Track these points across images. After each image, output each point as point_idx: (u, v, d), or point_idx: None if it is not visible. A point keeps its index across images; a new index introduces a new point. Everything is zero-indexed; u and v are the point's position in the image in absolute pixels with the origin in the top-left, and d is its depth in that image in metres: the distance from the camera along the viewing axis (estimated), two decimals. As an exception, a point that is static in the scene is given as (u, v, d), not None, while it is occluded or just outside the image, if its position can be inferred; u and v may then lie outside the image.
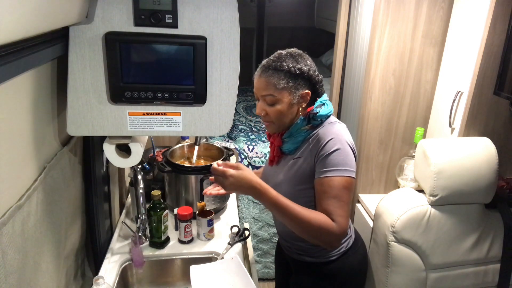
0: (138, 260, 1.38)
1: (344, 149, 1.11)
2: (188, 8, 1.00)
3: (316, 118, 1.17)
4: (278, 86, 1.13)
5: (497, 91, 1.54)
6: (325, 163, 1.10)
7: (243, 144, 2.59)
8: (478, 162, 1.41)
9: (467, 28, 1.62)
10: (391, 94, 1.86)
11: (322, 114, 1.17)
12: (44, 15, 0.72)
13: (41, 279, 0.93)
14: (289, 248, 1.36)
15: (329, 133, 1.13)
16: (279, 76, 1.13)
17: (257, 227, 2.54)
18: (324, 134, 1.13)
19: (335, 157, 1.10)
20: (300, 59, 1.15)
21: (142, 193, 1.34)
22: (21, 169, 0.85)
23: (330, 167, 1.10)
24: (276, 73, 1.13)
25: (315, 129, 1.18)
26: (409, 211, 1.43)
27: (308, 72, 1.14)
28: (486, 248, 1.51)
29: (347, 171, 1.10)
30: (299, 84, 1.14)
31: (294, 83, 1.14)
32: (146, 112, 1.08)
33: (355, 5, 2.07)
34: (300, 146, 1.20)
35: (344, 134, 1.14)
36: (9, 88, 0.77)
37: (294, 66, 1.13)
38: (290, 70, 1.13)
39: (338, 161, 1.10)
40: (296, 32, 4.26)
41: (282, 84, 1.13)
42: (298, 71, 1.13)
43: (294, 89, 1.14)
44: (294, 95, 1.15)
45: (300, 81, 1.14)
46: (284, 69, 1.13)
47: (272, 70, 1.14)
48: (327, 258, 1.28)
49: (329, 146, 1.11)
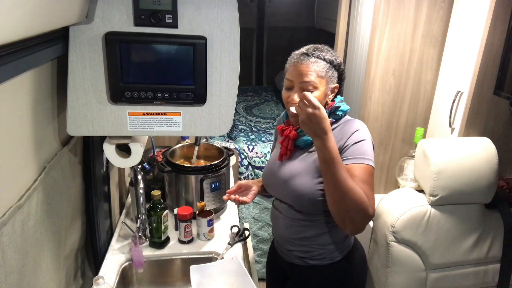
0: (138, 260, 1.38)
1: (369, 141, 1.17)
2: (188, 8, 1.00)
3: (337, 113, 1.21)
4: (319, 73, 1.15)
5: (497, 91, 1.54)
6: (355, 151, 1.14)
7: (243, 144, 2.59)
8: (478, 162, 1.41)
9: (467, 28, 1.62)
10: (391, 94, 1.86)
11: (343, 110, 1.22)
12: (44, 15, 0.72)
13: (41, 279, 0.93)
14: (288, 252, 1.31)
15: (355, 125, 1.18)
16: (319, 64, 1.15)
17: (257, 227, 2.54)
18: (350, 126, 1.18)
19: (364, 146, 1.14)
20: (335, 53, 1.21)
21: (142, 193, 1.34)
22: (21, 169, 0.85)
23: (360, 155, 1.13)
24: (317, 61, 1.15)
25: (333, 124, 1.21)
26: (409, 211, 1.43)
27: (340, 66, 1.20)
28: (486, 248, 1.51)
29: (372, 161, 1.15)
30: (333, 76, 1.19)
31: (331, 74, 1.18)
32: (146, 112, 1.08)
33: (355, 5, 2.07)
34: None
35: (364, 127, 1.19)
36: (9, 88, 0.77)
37: (332, 58, 1.18)
38: (331, 61, 1.17)
39: (365, 150, 1.14)
40: (296, 32, 4.26)
41: (323, 72, 1.15)
42: (336, 63, 1.18)
43: (330, 80, 1.18)
44: (328, 85, 1.18)
45: (335, 73, 1.19)
46: (326, 58, 1.16)
47: (315, 57, 1.16)
48: (332, 259, 1.26)
49: (358, 135, 1.15)
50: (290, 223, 1.26)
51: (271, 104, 3.60)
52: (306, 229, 1.24)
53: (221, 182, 1.64)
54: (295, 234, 1.27)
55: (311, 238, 1.24)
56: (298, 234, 1.26)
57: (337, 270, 1.28)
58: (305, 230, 1.24)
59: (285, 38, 4.27)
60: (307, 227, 1.24)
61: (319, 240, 1.24)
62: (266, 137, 2.78)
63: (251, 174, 2.53)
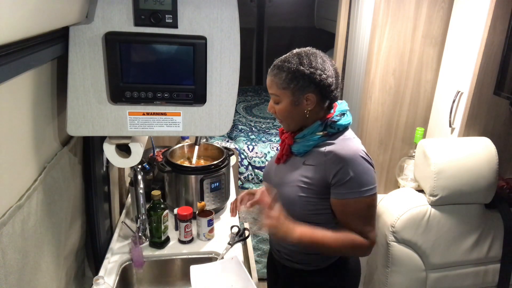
0: (138, 260, 1.38)
1: (364, 169, 1.10)
2: (188, 8, 1.00)
3: (334, 127, 1.15)
4: (279, 86, 1.13)
5: (497, 91, 1.54)
6: (347, 186, 1.09)
7: (243, 144, 2.59)
8: (478, 162, 1.41)
9: (467, 28, 1.62)
10: (391, 94, 1.86)
11: (340, 124, 1.15)
12: (44, 15, 0.72)
13: (41, 279, 0.93)
14: (277, 252, 1.32)
15: (347, 153, 1.10)
16: (281, 76, 1.12)
17: (257, 227, 2.54)
18: (342, 154, 1.10)
19: (358, 179, 1.09)
20: (307, 60, 1.11)
21: (142, 193, 1.34)
22: (21, 169, 0.85)
23: (353, 189, 1.09)
24: (279, 72, 1.13)
25: (330, 137, 1.15)
26: (409, 211, 1.43)
27: (310, 74, 1.10)
28: (486, 248, 1.51)
29: (369, 190, 1.10)
30: (302, 86, 1.11)
31: (295, 84, 1.11)
32: (146, 112, 1.08)
33: (355, 5, 2.07)
34: (311, 151, 1.17)
35: (360, 151, 1.12)
36: (9, 88, 0.77)
37: (296, 67, 1.10)
38: (290, 70, 1.11)
39: (361, 182, 1.09)
40: (296, 32, 4.25)
41: (284, 84, 1.12)
42: (297, 73, 1.10)
43: (297, 90, 1.11)
44: (296, 96, 1.12)
45: (302, 82, 1.11)
46: (285, 69, 1.12)
47: (276, 69, 1.14)
48: (316, 266, 1.25)
49: (349, 169, 1.09)
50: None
51: (271, 104, 3.60)
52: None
53: (221, 182, 1.64)
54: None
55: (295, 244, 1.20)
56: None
57: (324, 277, 1.26)
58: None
59: (285, 38, 4.27)
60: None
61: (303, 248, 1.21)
62: (266, 137, 2.78)
63: (251, 174, 2.53)
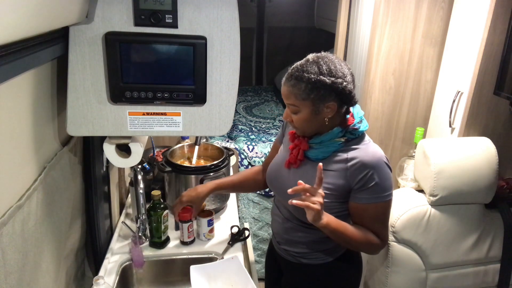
0: (138, 260, 1.38)
1: (387, 174, 1.13)
2: (188, 8, 1.00)
3: (354, 133, 1.15)
4: (298, 97, 1.09)
5: (497, 91, 1.54)
6: (370, 191, 1.12)
7: (243, 144, 2.59)
8: (478, 162, 1.41)
9: (467, 28, 1.62)
10: (391, 94, 1.86)
11: (361, 130, 1.16)
12: (44, 15, 0.72)
13: (41, 279, 0.93)
14: (283, 249, 1.33)
15: (373, 160, 1.11)
16: (300, 87, 1.08)
17: (257, 227, 2.54)
18: (368, 161, 1.11)
19: (381, 185, 1.12)
20: (327, 69, 1.07)
21: (142, 193, 1.34)
22: (21, 169, 0.85)
23: (376, 194, 1.13)
24: (298, 83, 1.08)
25: (349, 142, 1.15)
26: (409, 211, 1.43)
27: (332, 84, 1.06)
28: (486, 248, 1.51)
29: (389, 195, 1.14)
30: (322, 95, 1.07)
31: (316, 94, 1.07)
32: (146, 112, 1.08)
33: (355, 5, 2.07)
34: (330, 157, 1.16)
35: (383, 157, 1.14)
36: (9, 88, 0.77)
37: (317, 77, 1.06)
38: (310, 81, 1.06)
39: (384, 187, 1.12)
40: (296, 32, 4.25)
41: (304, 95, 1.08)
42: (319, 83, 1.06)
43: (317, 100, 1.08)
44: (317, 105, 1.09)
45: (323, 92, 1.07)
46: (304, 80, 1.07)
47: (294, 80, 1.09)
48: (324, 260, 1.27)
49: (375, 175, 1.11)
50: (288, 224, 1.28)
51: (271, 104, 3.60)
52: (302, 233, 1.25)
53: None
54: (291, 235, 1.28)
55: (305, 242, 1.26)
56: (294, 236, 1.28)
57: (329, 270, 1.29)
58: (300, 233, 1.26)
59: (285, 38, 4.27)
60: (302, 232, 1.25)
61: (312, 245, 1.26)
62: (266, 137, 2.78)
63: (251, 174, 2.53)
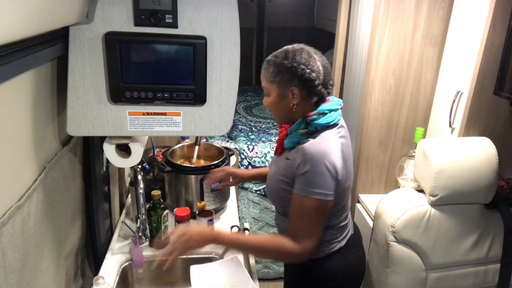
0: (138, 260, 1.38)
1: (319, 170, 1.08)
2: (188, 8, 1.00)
3: (312, 125, 1.16)
4: (267, 79, 1.19)
5: (497, 91, 1.54)
6: (300, 181, 1.11)
7: (243, 144, 2.59)
8: (478, 162, 1.41)
9: (467, 28, 1.62)
10: (391, 94, 1.86)
11: (318, 123, 1.15)
12: (44, 15, 0.72)
13: (41, 279, 0.93)
14: None
15: (312, 150, 1.10)
16: (269, 70, 1.18)
17: (257, 227, 2.54)
18: (306, 150, 1.11)
19: (310, 177, 1.09)
20: (292, 55, 1.14)
21: (142, 193, 1.34)
22: (21, 169, 0.85)
23: (304, 186, 1.10)
24: (268, 67, 1.19)
25: (311, 135, 1.16)
26: (409, 211, 1.43)
27: (291, 68, 1.13)
28: (486, 248, 1.51)
29: (319, 193, 1.09)
30: (286, 79, 1.14)
31: (280, 78, 1.15)
32: (146, 112, 1.08)
33: (355, 5, 2.07)
34: (296, 147, 1.18)
35: (327, 155, 1.09)
36: (9, 88, 0.77)
37: (280, 61, 1.15)
38: (275, 64, 1.16)
39: (311, 181, 1.09)
40: (296, 32, 4.25)
41: (270, 78, 1.18)
42: (281, 66, 1.14)
43: (282, 84, 1.16)
44: (282, 89, 1.16)
45: (286, 76, 1.14)
46: (271, 63, 1.18)
47: (266, 63, 1.20)
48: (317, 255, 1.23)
49: (305, 165, 1.09)
50: (277, 215, 1.34)
51: (271, 104, 3.60)
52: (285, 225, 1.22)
53: (221, 182, 1.64)
54: (279, 227, 1.35)
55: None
56: (281, 228, 1.33)
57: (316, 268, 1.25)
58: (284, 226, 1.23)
59: (285, 38, 4.23)
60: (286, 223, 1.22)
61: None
62: (266, 137, 2.78)
63: (251, 174, 2.53)
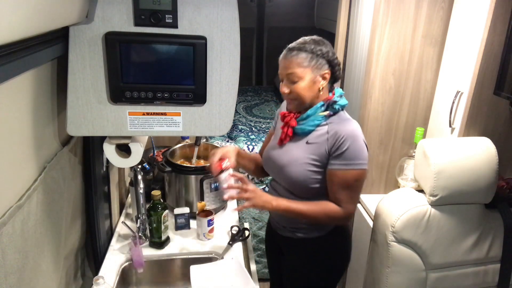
0: (138, 260, 1.38)
1: (359, 145, 1.24)
2: (188, 8, 1.00)
3: (335, 107, 1.29)
4: (300, 65, 1.25)
5: (497, 91, 1.54)
6: (341, 157, 1.24)
7: (243, 144, 2.59)
8: (478, 162, 1.41)
9: (467, 28, 1.62)
10: (391, 94, 1.86)
11: (340, 104, 1.30)
12: (44, 15, 0.72)
13: (41, 279, 0.93)
14: (283, 227, 1.44)
15: (347, 129, 1.25)
16: (302, 56, 1.25)
17: (257, 227, 2.54)
18: (341, 130, 1.25)
19: (352, 152, 1.23)
20: (321, 43, 1.29)
21: (142, 193, 1.34)
22: (21, 169, 0.85)
23: (346, 161, 1.24)
24: (299, 53, 1.25)
25: (331, 117, 1.29)
26: (409, 211, 1.43)
27: (327, 53, 1.27)
28: (486, 248, 1.51)
29: (360, 164, 1.25)
30: (320, 64, 1.26)
31: (315, 63, 1.25)
32: (146, 112, 1.08)
33: (355, 5, 2.07)
34: (314, 131, 1.30)
35: (359, 131, 1.27)
36: (9, 88, 0.77)
37: (316, 48, 1.26)
38: (313, 51, 1.26)
39: (353, 155, 1.23)
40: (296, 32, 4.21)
41: (305, 63, 1.25)
42: (319, 51, 1.26)
43: (316, 68, 1.26)
44: (315, 73, 1.26)
45: (321, 61, 1.26)
46: (307, 50, 1.25)
47: (297, 50, 1.26)
48: (315, 234, 1.39)
49: (346, 142, 1.23)
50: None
51: (271, 104, 3.59)
52: None
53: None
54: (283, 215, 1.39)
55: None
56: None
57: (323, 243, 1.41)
58: None
59: (285, 38, 4.22)
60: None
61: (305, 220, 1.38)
62: (266, 137, 2.77)
63: (251, 174, 2.53)
